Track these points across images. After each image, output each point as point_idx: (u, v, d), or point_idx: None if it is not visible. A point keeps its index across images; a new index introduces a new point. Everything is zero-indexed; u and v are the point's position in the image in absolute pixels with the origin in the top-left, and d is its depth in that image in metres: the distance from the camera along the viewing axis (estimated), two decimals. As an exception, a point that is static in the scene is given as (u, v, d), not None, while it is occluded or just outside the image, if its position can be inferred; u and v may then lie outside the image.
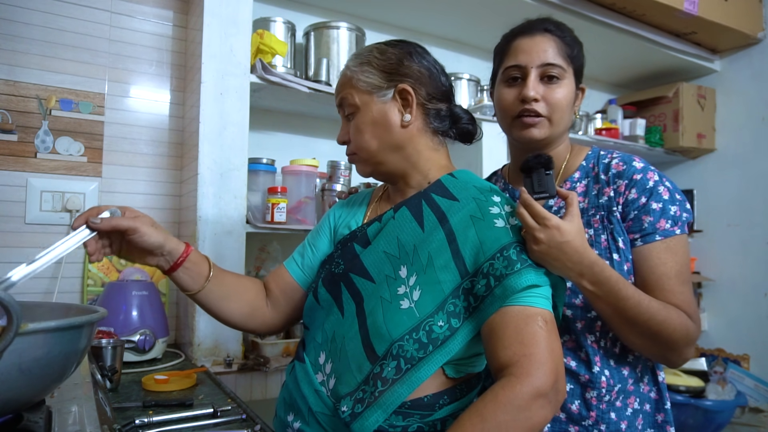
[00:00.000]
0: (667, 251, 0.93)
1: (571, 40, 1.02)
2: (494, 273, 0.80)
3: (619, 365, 0.96)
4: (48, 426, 0.65)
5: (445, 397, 0.84)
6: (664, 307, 0.88)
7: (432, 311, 0.82)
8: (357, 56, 0.97)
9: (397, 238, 0.90)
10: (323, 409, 0.86)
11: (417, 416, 0.82)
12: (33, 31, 1.61)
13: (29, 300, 0.81)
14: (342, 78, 0.97)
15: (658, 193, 0.94)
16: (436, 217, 0.89)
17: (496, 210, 0.86)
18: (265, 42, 1.64)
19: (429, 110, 0.95)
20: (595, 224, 0.97)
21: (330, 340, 0.90)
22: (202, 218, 1.52)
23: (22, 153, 1.59)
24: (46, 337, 0.61)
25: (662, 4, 2.16)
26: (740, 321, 2.62)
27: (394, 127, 0.92)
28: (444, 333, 0.81)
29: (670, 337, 0.87)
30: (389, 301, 0.85)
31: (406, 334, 0.82)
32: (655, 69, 2.79)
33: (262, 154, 1.81)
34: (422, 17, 2.20)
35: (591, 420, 0.93)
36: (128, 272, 1.69)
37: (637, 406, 0.96)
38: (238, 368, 1.51)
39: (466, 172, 0.98)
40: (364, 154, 0.94)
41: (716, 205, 2.75)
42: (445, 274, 0.84)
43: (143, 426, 0.95)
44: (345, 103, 0.95)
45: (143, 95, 1.78)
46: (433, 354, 0.80)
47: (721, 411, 2.14)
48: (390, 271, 0.88)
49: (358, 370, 0.84)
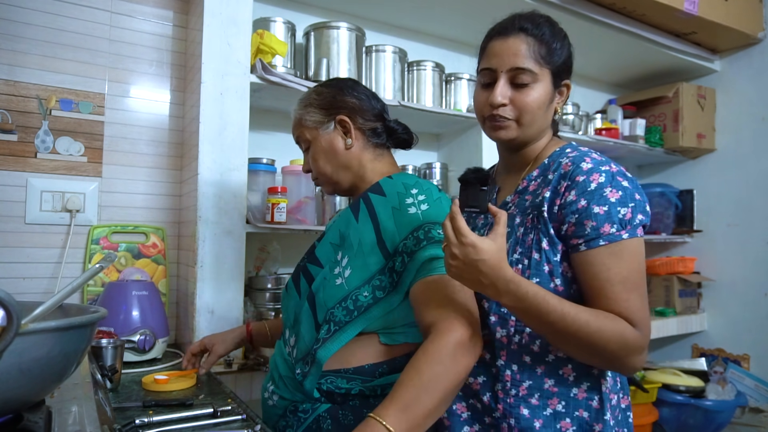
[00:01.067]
0: (611, 257, 0.88)
1: (550, 37, 0.99)
2: (406, 251, 0.96)
3: (534, 364, 0.94)
4: (48, 426, 0.65)
5: (384, 366, 0.99)
6: (596, 316, 0.85)
7: (359, 285, 1.00)
8: (301, 101, 1.17)
9: (339, 230, 1.09)
10: (288, 372, 1.05)
11: (359, 380, 0.99)
12: (33, 31, 1.61)
13: (29, 300, 0.81)
14: (293, 121, 1.17)
15: (603, 195, 0.89)
16: (368, 211, 1.05)
17: (410, 200, 1.02)
18: (265, 42, 1.64)
19: (366, 131, 1.14)
20: (527, 223, 0.96)
21: (292, 319, 1.09)
22: (202, 218, 1.52)
23: (22, 153, 1.60)
24: (46, 337, 0.61)
25: (662, 4, 2.16)
26: (740, 321, 2.62)
27: (340, 151, 1.12)
28: (368, 301, 0.98)
29: (605, 347, 0.84)
30: (328, 279, 1.04)
31: (337, 303, 1.00)
32: (655, 69, 2.79)
33: (262, 154, 1.81)
34: (422, 17, 2.20)
35: (499, 413, 0.94)
36: (128, 272, 1.69)
37: (562, 409, 0.93)
38: (238, 368, 1.51)
39: (404, 174, 1.12)
40: (323, 178, 1.15)
41: (716, 205, 2.75)
42: (371, 257, 1.01)
43: (143, 426, 0.95)
44: (300, 140, 1.17)
45: (143, 95, 1.78)
46: (357, 318, 0.98)
47: (721, 411, 2.14)
48: (333, 257, 1.07)
49: (309, 338, 1.03)
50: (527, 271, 0.93)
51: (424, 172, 2.24)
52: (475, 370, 0.97)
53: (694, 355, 2.77)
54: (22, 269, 1.58)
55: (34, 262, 1.60)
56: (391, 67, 1.98)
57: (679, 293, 2.69)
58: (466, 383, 0.98)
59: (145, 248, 1.74)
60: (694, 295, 2.77)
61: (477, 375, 0.98)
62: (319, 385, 1.00)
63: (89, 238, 1.66)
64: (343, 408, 0.99)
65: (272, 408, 1.07)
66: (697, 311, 2.75)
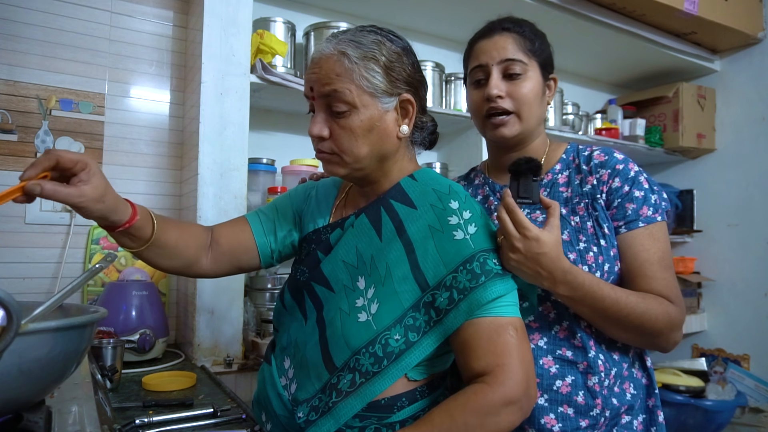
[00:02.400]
0: (649, 238, 0.95)
1: (531, 34, 1.03)
2: (458, 286, 0.79)
3: (610, 350, 0.97)
4: (48, 426, 0.65)
5: (403, 399, 0.82)
6: (643, 298, 0.89)
7: (389, 324, 0.81)
8: (357, 45, 0.85)
9: (356, 247, 0.89)
10: (284, 412, 0.87)
11: (374, 418, 0.82)
12: (33, 31, 1.61)
13: (29, 300, 0.81)
14: (334, 65, 0.84)
15: (639, 182, 0.97)
16: (394, 226, 0.87)
17: (454, 220, 0.84)
18: (265, 42, 1.64)
19: (417, 123, 0.92)
20: (580, 211, 0.99)
21: (293, 346, 0.91)
22: (202, 218, 1.52)
23: (22, 153, 1.59)
24: (46, 337, 0.61)
25: (662, 4, 2.16)
26: (740, 321, 2.62)
27: (390, 138, 0.88)
28: (399, 347, 0.80)
29: (653, 326, 0.89)
30: (347, 313, 0.84)
31: (362, 348, 0.81)
32: (655, 69, 2.79)
33: (262, 154, 1.81)
34: (422, 17, 2.20)
35: (598, 408, 0.92)
36: (128, 272, 1.69)
37: (633, 391, 0.97)
38: (238, 368, 1.51)
39: (426, 171, 0.95)
40: (348, 158, 0.87)
41: (716, 205, 2.74)
42: (403, 286, 0.83)
43: (143, 426, 0.95)
44: (339, 97, 0.84)
45: (143, 95, 1.78)
46: (388, 368, 0.80)
47: (721, 411, 2.14)
48: (348, 281, 0.87)
49: (317, 378, 0.84)
50: (600, 257, 0.95)
51: (424, 172, 2.24)
52: (559, 372, 0.93)
53: (694, 355, 2.76)
54: (22, 269, 1.58)
55: (34, 262, 1.60)
56: (391, 67, 1.98)
57: (679, 293, 2.69)
58: (552, 390, 0.93)
59: (145, 248, 1.74)
60: (694, 295, 2.77)
61: (564, 377, 0.93)
62: None
63: (89, 238, 1.66)
64: None
65: None
66: (697, 311, 2.75)
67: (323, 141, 0.87)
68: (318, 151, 0.89)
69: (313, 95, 0.88)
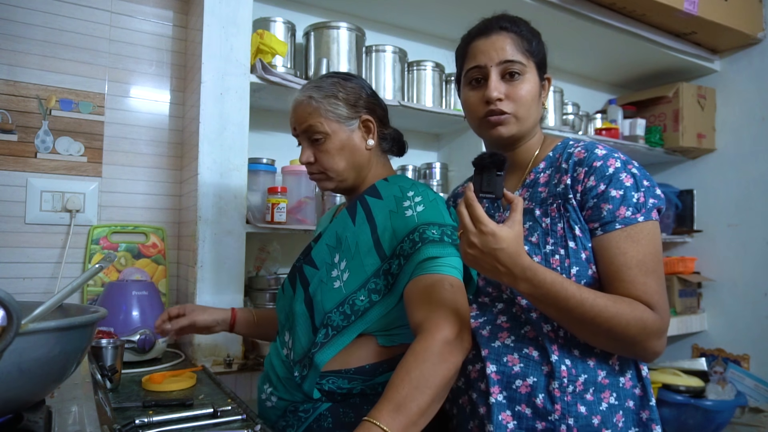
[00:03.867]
0: (627, 240, 0.89)
1: (528, 33, 1.02)
2: (403, 253, 0.98)
3: (584, 356, 0.92)
4: (48, 426, 0.65)
5: (384, 365, 1.00)
6: (614, 301, 0.85)
7: (356, 288, 1.01)
8: (318, 88, 1.09)
9: (336, 232, 1.10)
10: (287, 374, 1.05)
11: (360, 380, 1.00)
12: (33, 31, 1.61)
13: (29, 300, 0.81)
14: (306, 107, 1.09)
15: (619, 180, 0.91)
16: (365, 214, 1.07)
17: (407, 203, 1.03)
18: (265, 42, 1.64)
19: (380, 135, 1.14)
20: (552, 213, 0.95)
21: (288, 320, 1.09)
22: (202, 218, 1.52)
23: (22, 153, 1.60)
24: (46, 337, 0.61)
25: (662, 4, 2.16)
26: (740, 321, 2.62)
27: (360, 151, 1.11)
28: (364, 305, 0.99)
29: (624, 332, 0.84)
30: (325, 282, 1.04)
31: (334, 308, 1.01)
32: (655, 69, 2.79)
33: (262, 154, 1.81)
34: (422, 17, 2.20)
35: (557, 414, 0.88)
36: (128, 272, 1.69)
37: (615, 401, 0.91)
38: (238, 368, 1.51)
39: (399, 177, 1.13)
40: (332, 174, 1.10)
41: (716, 205, 2.74)
42: (368, 259, 1.02)
43: (143, 426, 0.95)
44: (313, 130, 1.08)
45: (143, 95, 1.78)
46: (354, 323, 0.99)
47: (721, 411, 2.14)
48: (329, 259, 1.07)
49: (306, 341, 1.03)
50: (566, 260, 0.92)
51: (424, 172, 2.24)
52: (522, 371, 0.92)
53: (694, 355, 2.76)
54: (22, 269, 1.58)
55: (34, 262, 1.60)
56: (391, 67, 1.98)
57: (679, 293, 2.69)
58: (511, 388, 0.92)
59: (145, 248, 1.74)
60: (694, 295, 2.77)
61: (525, 376, 0.92)
62: (321, 386, 1.01)
63: (89, 238, 1.66)
64: (343, 406, 1.00)
65: (271, 409, 1.07)
66: (697, 311, 2.75)
67: (311, 165, 1.11)
68: (310, 174, 1.13)
69: (297, 133, 1.13)
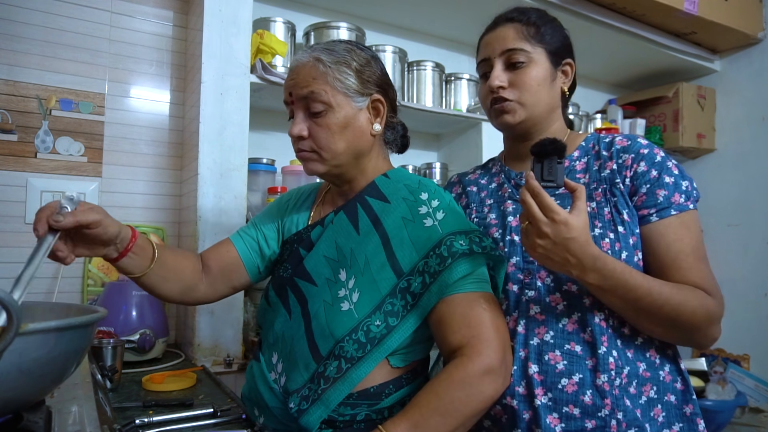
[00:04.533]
0: (682, 227, 0.89)
1: (538, 19, 1.01)
2: (429, 270, 0.86)
3: (626, 347, 0.89)
4: (48, 426, 0.65)
5: (390, 387, 0.89)
6: (679, 289, 0.83)
7: (370, 312, 0.87)
8: (329, 51, 0.93)
9: (336, 242, 0.95)
10: (277, 404, 0.92)
11: (364, 406, 0.88)
12: (33, 31, 1.61)
13: (29, 300, 0.81)
14: (310, 71, 0.92)
15: (668, 167, 0.92)
16: (371, 220, 0.94)
17: (424, 209, 0.91)
18: (265, 42, 1.64)
19: (389, 122, 0.99)
20: (597, 197, 0.93)
21: (280, 341, 0.96)
22: (202, 218, 1.52)
23: (22, 153, 1.59)
24: (46, 337, 0.61)
25: (662, 4, 2.16)
26: (740, 321, 2.62)
27: (365, 135, 0.95)
28: (381, 332, 0.86)
29: (690, 320, 0.83)
30: (331, 304, 0.90)
31: (346, 335, 0.87)
32: (655, 69, 2.79)
33: (262, 154, 1.81)
34: (422, 17, 2.20)
35: (607, 409, 0.84)
36: (128, 272, 1.69)
37: (654, 395, 0.89)
38: (238, 368, 1.51)
39: (399, 170, 1.01)
40: (326, 154, 0.93)
41: (716, 205, 2.74)
42: (381, 275, 0.89)
43: (143, 426, 0.95)
44: (314, 98, 0.91)
45: (143, 95, 1.78)
46: (371, 352, 0.86)
47: (721, 411, 2.14)
48: (330, 274, 0.93)
49: (305, 368, 0.90)
50: (617, 244, 0.89)
51: (424, 172, 2.24)
52: (566, 369, 0.87)
53: (694, 355, 2.76)
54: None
55: (34, 262, 1.60)
56: (391, 67, 1.98)
57: (679, 293, 2.69)
58: (557, 388, 0.86)
59: (145, 248, 1.74)
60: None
61: (571, 374, 0.86)
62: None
63: (89, 238, 1.66)
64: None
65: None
66: (697, 311, 2.75)
67: (303, 140, 0.94)
68: (298, 151, 0.95)
69: (292, 99, 0.94)
